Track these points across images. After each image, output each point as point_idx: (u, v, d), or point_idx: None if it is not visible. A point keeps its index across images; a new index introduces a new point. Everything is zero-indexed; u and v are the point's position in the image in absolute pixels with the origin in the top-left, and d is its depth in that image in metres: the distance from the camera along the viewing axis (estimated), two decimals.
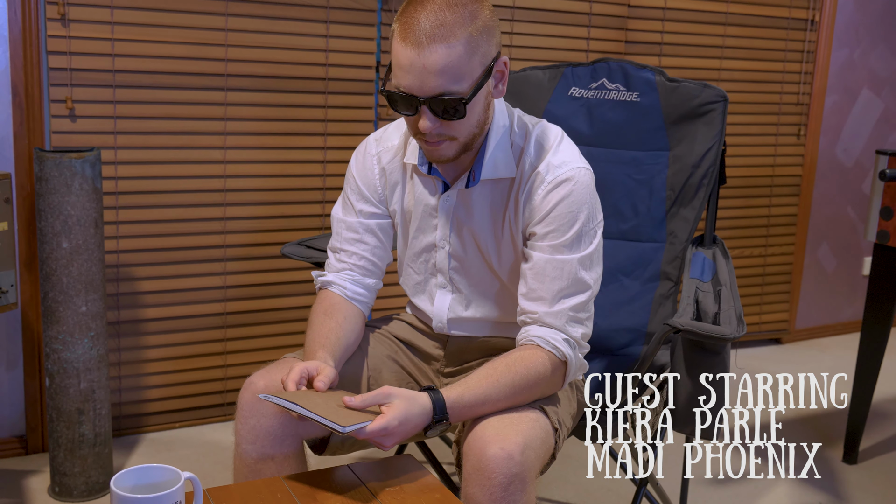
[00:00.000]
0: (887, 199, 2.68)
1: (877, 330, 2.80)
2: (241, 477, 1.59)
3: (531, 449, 1.45)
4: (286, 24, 2.85)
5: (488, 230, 1.69)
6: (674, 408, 1.93)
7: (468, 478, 1.44)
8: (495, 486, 1.40)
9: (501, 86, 1.58)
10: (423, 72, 1.46)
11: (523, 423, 1.49)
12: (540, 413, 1.54)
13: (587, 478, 2.72)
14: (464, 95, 1.48)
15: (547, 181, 1.61)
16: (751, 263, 3.96)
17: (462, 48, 1.45)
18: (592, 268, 1.63)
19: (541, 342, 1.58)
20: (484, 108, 1.57)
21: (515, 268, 1.70)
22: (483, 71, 1.50)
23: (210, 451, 2.79)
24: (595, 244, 1.63)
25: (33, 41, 2.52)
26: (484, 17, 1.49)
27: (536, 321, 1.60)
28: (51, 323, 2.39)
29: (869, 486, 2.77)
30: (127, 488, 1.22)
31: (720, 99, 2.23)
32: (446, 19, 1.45)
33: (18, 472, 2.62)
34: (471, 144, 1.59)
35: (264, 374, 1.61)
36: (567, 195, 1.60)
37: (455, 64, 1.45)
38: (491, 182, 1.66)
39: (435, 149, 1.57)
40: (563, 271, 1.59)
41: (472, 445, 1.45)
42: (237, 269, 2.93)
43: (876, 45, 4.06)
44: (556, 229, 1.60)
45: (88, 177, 2.33)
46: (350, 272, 1.76)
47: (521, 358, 1.56)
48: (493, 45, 1.52)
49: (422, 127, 1.51)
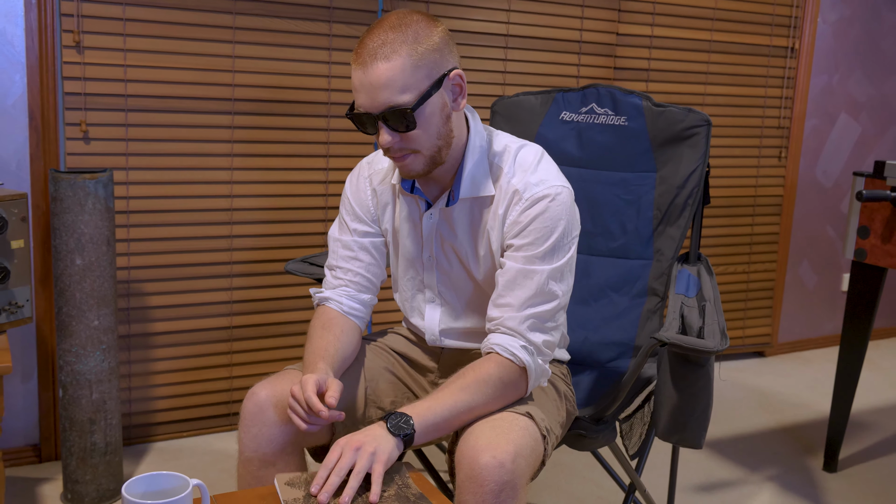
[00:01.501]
0: (864, 219, 2.69)
1: (855, 343, 2.80)
2: (244, 483, 1.58)
3: (522, 457, 1.45)
4: (290, 51, 2.86)
5: (469, 246, 1.70)
6: (660, 418, 1.92)
7: (461, 486, 1.44)
8: (487, 493, 1.40)
9: (460, 99, 1.58)
10: (370, 88, 1.49)
11: (514, 432, 1.48)
12: (530, 421, 1.54)
13: (577, 485, 2.72)
14: (409, 105, 1.49)
15: (525, 198, 1.61)
16: (735, 280, 3.97)
17: (402, 62, 1.48)
18: (563, 280, 1.62)
19: (499, 349, 1.57)
20: (442, 120, 1.56)
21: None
22: (430, 83, 1.51)
23: (216, 459, 2.78)
24: (567, 257, 1.62)
25: (49, 67, 2.53)
26: (430, 37, 1.51)
27: (498, 327, 1.60)
28: (64, 336, 2.38)
29: (848, 494, 2.76)
30: (138, 494, 1.22)
31: (704, 123, 2.24)
32: (388, 39, 1.48)
33: (32, 479, 2.61)
34: (438, 157, 1.59)
35: (266, 385, 1.61)
36: (543, 211, 1.60)
37: (397, 77, 1.48)
38: (470, 200, 1.67)
39: (402, 164, 1.58)
40: (532, 280, 1.59)
41: (465, 454, 1.44)
42: (243, 285, 2.93)
43: (853, 71, 4.08)
44: (531, 242, 1.60)
45: (101, 197, 2.34)
46: (346, 288, 1.76)
47: (475, 370, 1.55)
48: (441, 61, 1.52)
49: (382, 142, 1.53)
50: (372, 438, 1.42)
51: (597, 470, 2.84)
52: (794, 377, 3.88)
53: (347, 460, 1.39)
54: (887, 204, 2.63)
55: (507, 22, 3.20)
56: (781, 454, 3.05)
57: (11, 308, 2.08)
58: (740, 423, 3.31)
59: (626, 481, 2.66)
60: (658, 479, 2.78)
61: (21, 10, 2.48)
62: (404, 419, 1.45)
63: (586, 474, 2.80)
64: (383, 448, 1.41)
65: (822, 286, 4.26)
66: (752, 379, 3.83)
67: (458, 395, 1.50)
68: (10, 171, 2.54)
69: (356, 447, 1.40)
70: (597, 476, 2.80)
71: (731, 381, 3.78)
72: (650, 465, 2.88)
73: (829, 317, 4.33)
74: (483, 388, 1.52)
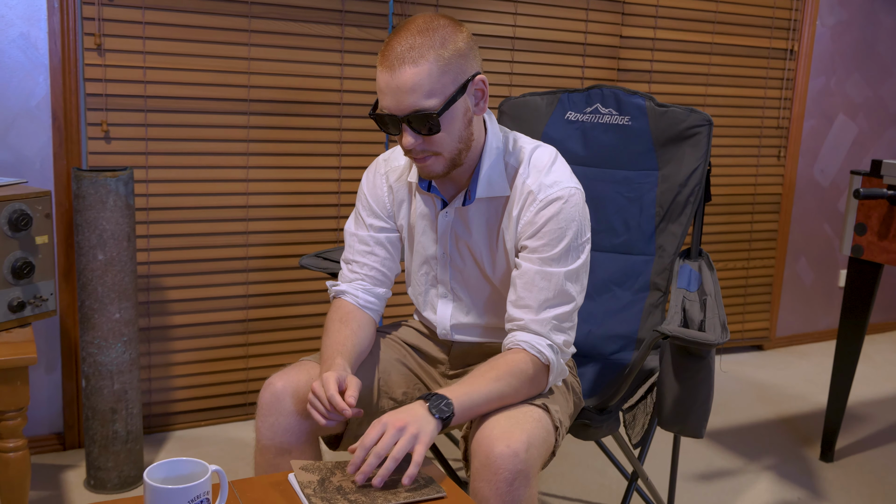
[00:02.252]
0: (861, 216, 2.69)
1: (852, 338, 2.80)
2: (261, 470, 1.60)
3: (534, 447, 1.45)
4: (304, 53, 2.88)
5: (484, 244, 1.70)
6: (662, 409, 1.93)
7: (476, 473, 1.45)
8: (501, 481, 1.41)
9: (482, 103, 1.58)
10: (396, 91, 1.48)
11: (528, 423, 1.49)
12: (543, 413, 1.55)
13: (581, 473, 2.73)
14: (435, 110, 1.49)
15: (539, 199, 1.61)
16: (734, 275, 3.97)
17: (430, 67, 1.47)
18: (578, 281, 1.63)
19: (526, 346, 1.58)
20: (464, 124, 1.56)
21: (510, 279, 1.71)
22: (456, 88, 1.51)
23: (233, 447, 2.80)
24: (582, 259, 1.63)
25: (72, 70, 2.55)
26: (456, 41, 1.50)
27: (523, 328, 1.61)
28: (87, 329, 2.40)
29: (844, 483, 2.77)
30: (159, 479, 1.23)
31: (705, 123, 2.24)
32: (415, 43, 1.47)
33: (57, 466, 2.63)
34: (458, 160, 1.59)
35: (282, 376, 1.62)
36: (557, 213, 1.60)
37: (424, 82, 1.47)
38: (486, 200, 1.67)
39: (423, 165, 1.58)
40: (550, 283, 1.60)
41: (481, 443, 1.45)
42: (258, 280, 2.95)
43: (850, 73, 4.08)
44: (546, 244, 1.60)
45: (122, 194, 2.35)
46: (362, 282, 1.77)
47: (507, 361, 1.56)
48: (466, 66, 1.52)
49: (405, 144, 1.53)
50: (414, 419, 1.41)
51: (600, 459, 2.85)
52: (792, 370, 3.88)
53: (389, 439, 1.37)
54: (884, 202, 2.63)
55: (513, 25, 3.21)
56: (779, 444, 3.06)
57: (36, 301, 2.10)
58: (739, 415, 3.32)
59: (629, 470, 2.67)
60: (660, 468, 2.79)
61: (44, 14, 2.50)
62: (444, 401, 1.45)
63: (590, 463, 2.81)
64: (426, 430, 1.40)
65: (820, 282, 4.26)
66: (750, 372, 3.83)
67: (493, 385, 1.51)
68: (35, 169, 2.56)
69: (400, 427, 1.39)
70: (600, 465, 2.81)
71: (730, 374, 3.79)
72: (652, 455, 2.89)
73: (825, 312, 4.33)
74: (513, 380, 1.54)
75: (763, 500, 2.62)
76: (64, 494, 2.46)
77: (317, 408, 1.49)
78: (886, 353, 4.21)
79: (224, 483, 1.30)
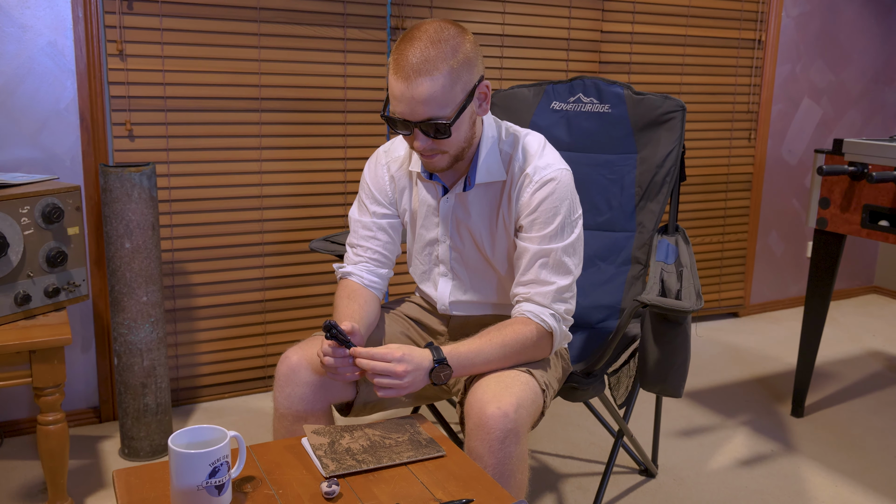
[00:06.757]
0: (825, 191, 2.68)
1: (818, 303, 2.80)
2: (279, 436, 1.60)
3: (523, 408, 1.46)
4: (310, 54, 2.86)
5: (484, 227, 1.70)
6: (644, 371, 1.93)
7: (470, 433, 1.45)
8: (493, 439, 1.41)
9: (485, 105, 1.57)
10: (412, 101, 1.46)
11: (516, 386, 1.50)
12: (530, 376, 1.56)
13: (571, 432, 2.73)
14: (448, 119, 1.49)
15: (535, 181, 1.61)
16: (711, 248, 3.96)
17: (444, 79, 1.45)
18: (575, 254, 1.64)
19: (531, 315, 1.60)
20: (470, 125, 1.56)
21: (508, 257, 1.71)
22: (465, 97, 1.50)
23: (254, 416, 2.81)
24: (576, 234, 1.64)
25: (97, 74, 2.54)
26: (465, 50, 1.48)
27: (527, 299, 1.62)
28: (117, 311, 2.41)
29: (813, 436, 2.77)
30: (183, 445, 1.24)
31: (679, 108, 2.24)
32: (430, 55, 1.44)
33: (94, 437, 2.64)
34: (461, 155, 1.59)
35: (297, 350, 1.62)
36: (551, 192, 1.61)
37: (439, 94, 1.45)
38: (484, 185, 1.67)
39: (430, 161, 1.58)
40: (549, 258, 1.61)
41: (473, 405, 1.46)
42: (273, 263, 2.95)
43: (814, 60, 4.05)
44: (543, 223, 1.61)
45: (146, 187, 2.35)
46: (366, 264, 1.77)
47: (512, 326, 1.58)
48: (473, 73, 1.50)
49: (416, 146, 1.53)
50: (415, 381, 1.46)
51: (589, 419, 2.86)
52: (765, 334, 3.89)
53: (387, 377, 1.44)
54: (845, 177, 2.62)
55: (502, 23, 3.19)
56: (753, 402, 3.07)
57: (70, 287, 2.10)
58: (717, 376, 3.32)
59: (616, 428, 2.67)
60: (644, 426, 2.80)
61: (70, 23, 2.48)
62: (446, 372, 1.49)
63: (580, 423, 2.82)
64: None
65: (789, 253, 4.26)
66: (726, 336, 3.84)
67: (496, 348, 1.55)
68: (65, 166, 2.55)
69: (401, 374, 1.44)
70: (589, 424, 2.81)
71: (708, 339, 3.79)
72: (636, 414, 2.90)
73: (795, 280, 4.32)
74: (516, 345, 1.56)
75: (739, 453, 2.63)
76: (101, 462, 2.47)
77: (327, 361, 1.48)
78: (850, 317, 4.21)
79: (242, 447, 1.31)
